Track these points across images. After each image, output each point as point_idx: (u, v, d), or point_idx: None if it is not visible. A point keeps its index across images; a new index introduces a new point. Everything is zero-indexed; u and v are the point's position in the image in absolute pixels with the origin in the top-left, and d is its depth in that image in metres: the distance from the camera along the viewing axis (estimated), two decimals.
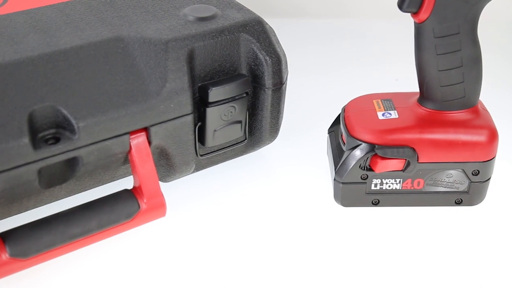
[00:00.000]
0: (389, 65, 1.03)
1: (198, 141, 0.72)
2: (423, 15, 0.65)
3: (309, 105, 0.92)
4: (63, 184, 0.67)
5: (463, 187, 0.72)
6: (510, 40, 1.14)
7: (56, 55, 0.65)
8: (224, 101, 0.71)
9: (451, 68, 0.67)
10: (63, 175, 0.66)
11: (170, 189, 0.74)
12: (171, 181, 0.75)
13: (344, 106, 0.75)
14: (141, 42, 0.68)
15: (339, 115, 0.78)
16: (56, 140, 0.62)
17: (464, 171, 0.71)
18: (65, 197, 0.71)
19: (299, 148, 0.83)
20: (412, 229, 0.71)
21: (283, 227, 0.72)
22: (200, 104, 0.70)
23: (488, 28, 1.11)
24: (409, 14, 0.67)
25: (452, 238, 0.70)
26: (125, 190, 0.67)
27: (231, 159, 0.79)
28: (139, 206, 0.66)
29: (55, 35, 0.68)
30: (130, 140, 0.66)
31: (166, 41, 0.68)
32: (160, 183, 0.70)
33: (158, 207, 0.67)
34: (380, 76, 1.00)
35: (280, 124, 0.78)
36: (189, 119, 0.69)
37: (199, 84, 0.70)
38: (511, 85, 1.00)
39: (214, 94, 0.69)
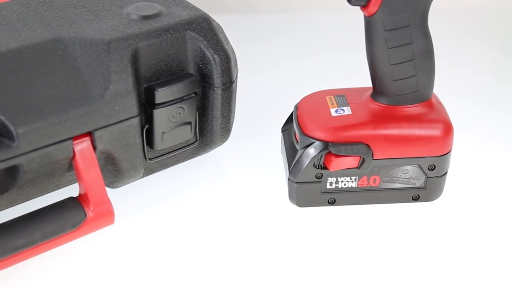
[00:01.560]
0: (343, 61, 1.02)
1: (147, 144, 0.71)
2: (372, 8, 0.64)
3: (261, 103, 0.91)
4: (4, 194, 0.65)
5: (419, 182, 0.71)
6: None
7: None
8: (172, 102, 0.69)
9: (403, 61, 0.67)
10: (3, 185, 0.64)
11: (119, 196, 0.73)
12: (119, 187, 0.73)
13: (297, 104, 0.74)
14: (82, 43, 0.66)
15: (292, 113, 0.77)
16: None
17: (420, 167, 0.70)
18: (7, 208, 0.68)
19: (252, 148, 0.82)
20: (369, 227, 0.71)
21: (238, 229, 0.71)
22: (147, 106, 0.69)
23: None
24: (358, 7, 0.66)
25: (410, 235, 0.70)
26: (71, 198, 0.66)
27: (182, 161, 0.78)
28: (85, 214, 0.65)
29: None
30: (74, 146, 0.64)
31: (108, 41, 0.66)
32: (108, 189, 0.69)
33: (106, 215, 0.66)
34: (334, 72, 0.99)
35: (232, 124, 0.77)
36: (136, 121, 0.67)
37: (145, 85, 0.69)
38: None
39: (161, 95, 0.68)
